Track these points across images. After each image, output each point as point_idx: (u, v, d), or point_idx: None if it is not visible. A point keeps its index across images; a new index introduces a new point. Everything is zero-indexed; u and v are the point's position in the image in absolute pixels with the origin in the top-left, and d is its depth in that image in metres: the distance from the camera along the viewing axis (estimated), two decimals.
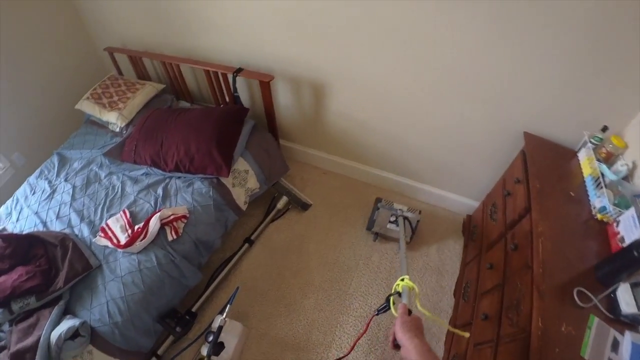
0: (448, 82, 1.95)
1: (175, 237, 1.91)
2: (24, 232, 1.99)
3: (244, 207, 2.22)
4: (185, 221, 1.95)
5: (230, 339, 1.90)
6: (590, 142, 1.82)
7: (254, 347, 2.05)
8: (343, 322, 2.15)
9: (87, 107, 2.46)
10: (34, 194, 2.21)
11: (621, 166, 1.71)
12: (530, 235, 1.58)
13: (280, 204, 2.51)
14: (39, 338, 1.56)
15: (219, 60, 2.31)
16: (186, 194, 2.04)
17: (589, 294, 1.39)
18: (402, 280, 1.27)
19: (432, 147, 2.34)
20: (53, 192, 2.18)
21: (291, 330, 2.12)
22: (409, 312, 1.14)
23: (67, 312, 1.72)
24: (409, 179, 2.64)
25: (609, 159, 1.78)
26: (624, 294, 1.37)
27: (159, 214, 1.90)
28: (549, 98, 1.84)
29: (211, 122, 2.13)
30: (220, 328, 1.83)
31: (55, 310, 1.67)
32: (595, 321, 1.35)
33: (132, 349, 1.77)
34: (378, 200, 2.36)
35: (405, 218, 2.26)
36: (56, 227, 2.01)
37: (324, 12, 1.91)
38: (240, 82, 2.36)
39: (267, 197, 2.57)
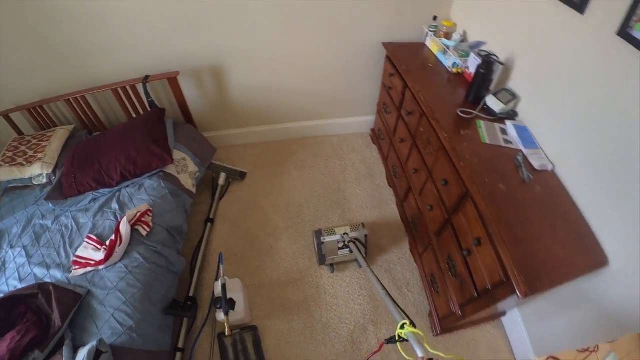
0: (312, 28, 2.46)
1: (148, 230, 2.03)
2: None
3: (193, 190, 2.43)
4: (151, 214, 2.09)
5: (236, 295, 2.06)
6: (430, 31, 2.45)
7: (257, 299, 2.28)
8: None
9: (4, 174, 2.34)
10: None
11: (456, 37, 2.34)
12: (414, 98, 2.13)
13: (221, 181, 2.78)
14: None
15: (122, 78, 2.45)
16: (141, 195, 2.17)
17: (469, 110, 1.95)
18: (403, 327, 1.24)
19: (322, 85, 2.83)
20: (3, 264, 2.03)
21: (280, 270, 2.41)
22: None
23: (76, 348, 1.66)
24: (315, 120, 3.12)
25: (448, 36, 2.41)
26: (491, 101, 1.97)
27: (125, 217, 2.00)
28: (389, 12, 2.42)
29: (138, 127, 2.32)
30: (224, 286, 1.99)
31: (65, 351, 1.60)
32: (482, 123, 1.91)
33: (154, 348, 1.79)
34: (318, 233, 2.28)
35: (354, 241, 2.21)
36: None
37: (204, 6, 2.23)
38: (150, 89, 2.51)
39: (208, 181, 2.82)
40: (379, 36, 2.54)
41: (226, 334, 1.94)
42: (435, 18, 2.42)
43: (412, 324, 1.24)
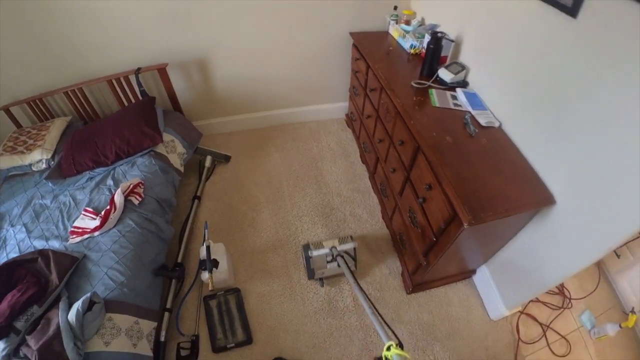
0: (286, 21, 2.74)
1: (140, 200, 2.22)
2: None
3: (181, 169, 2.65)
4: (143, 186, 2.28)
5: (220, 257, 2.22)
6: (392, 20, 2.71)
7: (240, 265, 2.47)
8: (294, 214, 2.76)
9: (5, 162, 2.48)
10: None
11: (414, 22, 2.60)
12: (375, 77, 2.38)
13: (207, 163, 3.00)
14: (58, 326, 1.61)
15: (116, 71, 2.66)
16: (133, 171, 2.38)
17: (423, 82, 2.20)
18: (389, 349, 1.23)
19: (298, 74, 3.10)
20: (4, 242, 2.15)
21: (262, 239, 2.60)
22: None
23: (71, 304, 1.72)
24: (293, 107, 3.39)
25: (408, 23, 2.66)
26: (443, 73, 2.21)
27: (119, 189, 2.18)
28: (355, 4, 2.72)
29: (132, 112, 2.56)
30: (208, 247, 2.17)
31: (62, 304, 1.71)
32: (433, 91, 2.14)
33: (144, 304, 1.92)
34: (306, 247, 2.24)
35: (342, 255, 2.19)
36: None
37: (189, 4, 2.47)
38: (141, 80, 2.72)
39: (196, 164, 3.04)
40: (346, 26, 2.81)
41: (210, 288, 2.08)
42: (395, 8, 2.70)
43: (400, 345, 1.26)
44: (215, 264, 2.17)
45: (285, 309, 2.27)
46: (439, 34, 2.17)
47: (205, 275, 2.13)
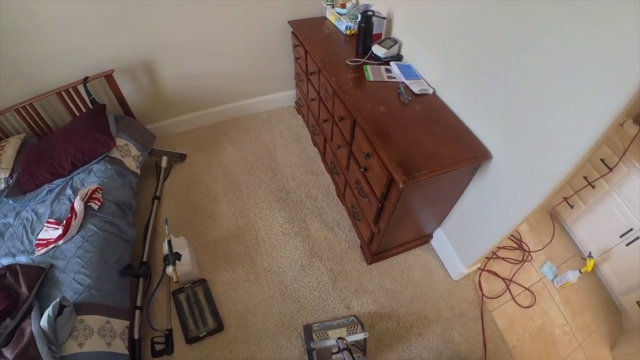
0: (224, 16, 2.78)
1: (99, 204, 2.27)
2: None
3: (138, 171, 2.70)
4: (101, 191, 2.33)
5: (182, 250, 2.29)
6: (327, 5, 2.80)
7: (204, 256, 2.54)
8: (252, 202, 2.86)
9: None
10: None
11: (348, 5, 2.69)
12: (313, 61, 2.48)
13: (163, 163, 3.04)
14: (32, 333, 1.65)
15: (64, 82, 2.66)
16: (91, 179, 2.41)
17: (357, 60, 2.28)
18: None
19: (243, 67, 3.17)
20: None
21: (222, 229, 2.68)
22: None
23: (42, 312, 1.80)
24: (242, 100, 3.47)
25: (344, 7, 2.74)
26: (376, 49, 2.32)
27: (78, 196, 2.23)
28: None
29: (83, 121, 2.58)
30: (169, 242, 2.24)
31: (33, 313, 1.76)
32: (368, 67, 2.23)
33: (114, 304, 1.98)
34: (307, 334, 2.04)
35: (350, 350, 1.87)
36: None
37: (126, 6, 2.48)
38: (90, 89, 2.73)
39: (152, 166, 3.07)
40: (285, 15, 2.89)
41: (174, 280, 2.15)
42: None
43: None
44: (177, 256, 2.23)
45: (251, 294, 2.36)
46: (369, 12, 2.26)
47: (169, 269, 2.18)
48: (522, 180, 1.66)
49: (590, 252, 2.43)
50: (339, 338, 1.92)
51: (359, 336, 1.95)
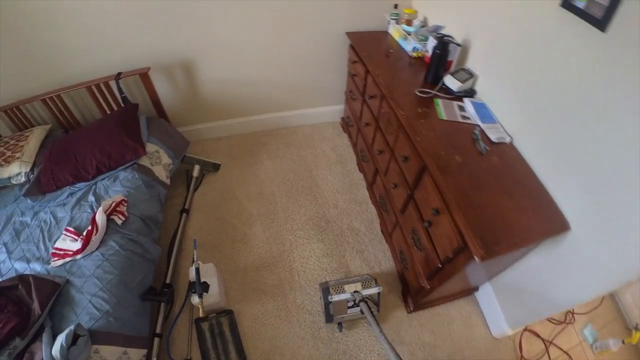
0: (278, 20, 2.55)
1: (123, 219, 2.09)
2: None
3: (167, 181, 2.50)
4: (126, 204, 2.15)
5: (210, 278, 2.13)
6: (391, 19, 2.54)
7: (232, 283, 2.35)
8: (288, 228, 2.63)
9: None
10: None
11: (416, 23, 2.43)
12: (375, 84, 2.22)
13: (195, 173, 2.85)
14: None
15: (96, 76, 2.49)
16: (116, 187, 2.24)
17: (428, 90, 2.04)
18: None
19: (290, 76, 2.93)
20: None
21: (254, 255, 2.48)
22: None
23: (55, 335, 1.69)
24: (286, 111, 3.22)
25: (409, 23, 2.50)
26: (449, 81, 2.06)
27: (100, 208, 2.06)
28: (352, 2, 2.53)
29: (112, 122, 2.39)
30: (197, 270, 2.07)
31: (45, 337, 1.64)
32: (439, 101, 1.99)
33: (132, 333, 1.83)
34: (325, 290, 2.08)
35: (366, 301, 2.04)
36: None
37: (172, 2, 2.30)
38: (122, 86, 2.56)
39: (183, 174, 2.89)
40: (343, 26, 2.63)
41: (200, 315, 2.00)
42: (396, 6, 2.52)
43: None
44: (205, 287, 2.08)
45: (280, 332, 2.16)
46: (446, 39, 2.01)
47: (195, 300, 2.03)
48: (600, 261, 1.43)
49: (637, 324, 2.26)
50: (355, 291, 2.04)
51: (374, 290, 2.06)
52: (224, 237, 2.57)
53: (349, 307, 2.06)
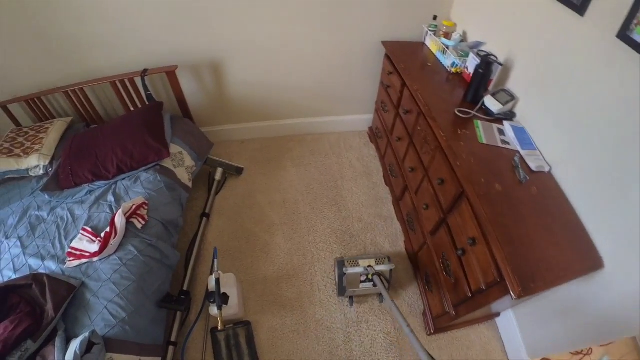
0: (312, 25, 2.48)
1: (143, 223, 2.02)
2: None
3: (190, 184, 2.43)
4: (147, 207, 2.09)
5: (230, 289, 2.06)
6: (430, 31, 2.45)
7: (251, 294, 2.29)
8: (311, 240, 2.55)
9: (0, 165, 2.32)
10: None
11: (455, 36, 2.34)
12: (412, 97, 2.13)
13: (217, 176, 2.79)
14: None
15: (121, 72, 2.44)
16: (137, 188, 2.17)
17: (467, 110, 1.95)
18: None
19: (320, 82, 2.84)
20: None
21: (275, 266, 2.41)
22: None
23: (68, 339, 1.65)
24: (313, 117, 3.14)
25: (448, 36, 2.41)
26: (489, 102, 1.97)
27: (120, 210, 1.99)
28: (390, 10, 2.44)
29: (136, 120, 2.32)
30: (218, 280, 1.99)
31: (58, 341, 1.58)
32: (479, 123, 1.91)
33: (147, 341, 1.78)
34: (340, 263, 2.15)
35: (379, 275, 2.11)
36: None
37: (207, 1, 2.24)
38: (148, 83, 2.52)
39: (205, 176, 2.83)
40: (378, 34, 2.55)
41: (219, 328, 1.95)
42: (435, 17, 2.42)
43: None
44: (225, 299, 1.99)
45: (298, 347, 2.10)
46: (491, 58, 1.92)
47: (214, 310, 1.97)
48: (633, 301, 1.37)
49: None
50: (369, 266, 2.12)
51: (386, 267, 2.12)
52: (244, 244, 2.51)
53: (361, 282, 2.14)
